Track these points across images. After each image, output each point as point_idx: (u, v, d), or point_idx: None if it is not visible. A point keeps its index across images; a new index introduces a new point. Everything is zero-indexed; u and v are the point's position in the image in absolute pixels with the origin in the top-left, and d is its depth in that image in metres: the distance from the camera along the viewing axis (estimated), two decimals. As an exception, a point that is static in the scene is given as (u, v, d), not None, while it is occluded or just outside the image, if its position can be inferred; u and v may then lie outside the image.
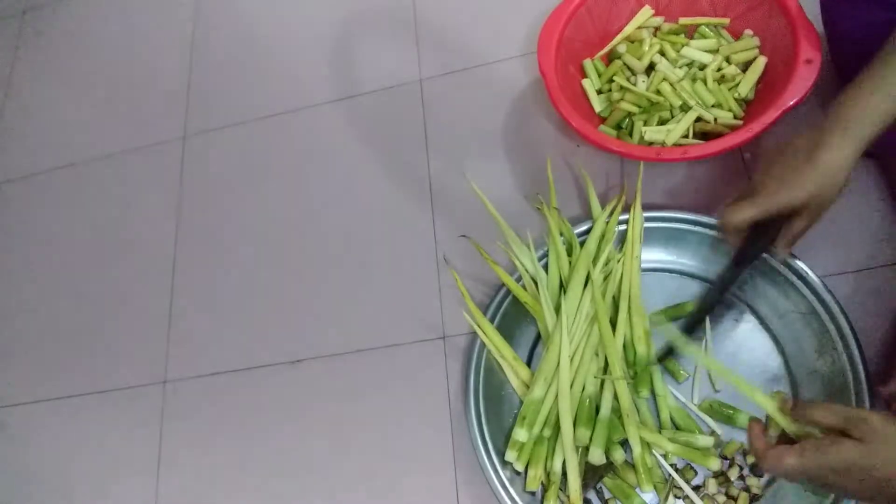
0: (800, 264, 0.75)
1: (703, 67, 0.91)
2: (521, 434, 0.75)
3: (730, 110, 0.88)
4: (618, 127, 0.92)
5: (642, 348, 0.77)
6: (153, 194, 1.13)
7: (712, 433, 0.75)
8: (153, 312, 1.03)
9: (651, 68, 0.93)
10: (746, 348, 0.78)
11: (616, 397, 0.75)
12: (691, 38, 0.94)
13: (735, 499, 0.71)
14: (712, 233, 0.81)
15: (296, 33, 1.20)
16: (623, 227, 0.83)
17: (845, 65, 0.83)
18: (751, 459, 0.73)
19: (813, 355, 0.74)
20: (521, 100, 1.01)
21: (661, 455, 0.74)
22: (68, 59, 1.33)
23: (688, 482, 0.73)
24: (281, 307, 0.98)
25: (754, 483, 0.72)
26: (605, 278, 0.81)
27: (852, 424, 0.49)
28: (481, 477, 0.75)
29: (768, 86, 0.87)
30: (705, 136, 0.87)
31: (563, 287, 0.82)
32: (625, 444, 0.75)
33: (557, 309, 0.80)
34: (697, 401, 0.77)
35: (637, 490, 0.73)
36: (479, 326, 0.82)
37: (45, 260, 1.14)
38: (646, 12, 0.95)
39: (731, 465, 0.73)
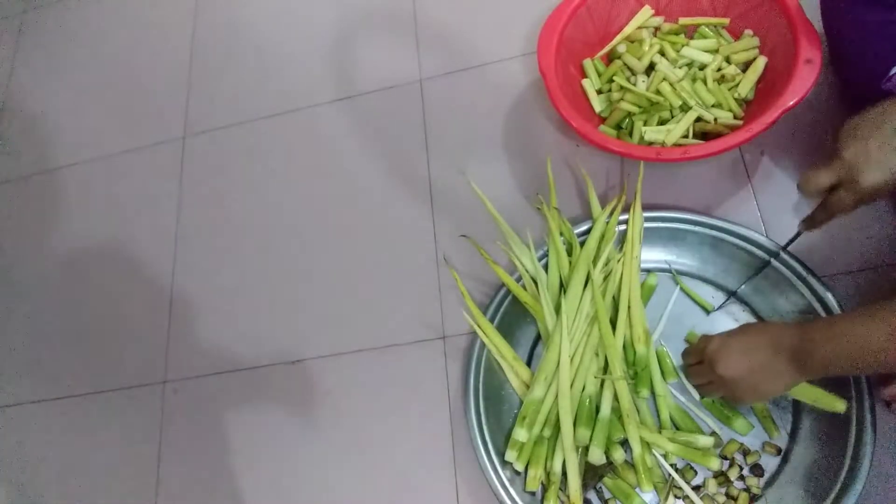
0: (799, 265, 0.75)
1: (703, 67, 0.91)
2: (521, 434, 0.75)
3: (730, 110, 0.88)
4: (618, 127, 0.92)
5: (642, 348, 0.77)
6: (153, 194, 1.13)
7: (712, 433, 0.75)
8: (153, 312, 1.03)
9: (651, 68, 0.93)
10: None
11: (616, 397, 0.75)
12: (691, 38, 0.94)
13: (735, 499, 0.71)
14: (712, 233, 0.81)
15: (296, 33, 1.20)
16: (623, 227, 0.83)
17: (845, 65, 0.83)
18: (751, 459, 0.73)
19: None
20: (521, 100, 1.01)
21: (661, 455, 0.74)
22: (68, 59, 1.33)
23: (688, 482, 0.73)
24: (281, 307, 0.98)
25: (754, 483, 0.72)
26: (605, 278, 0.81)
27: (704, 356, 0.69)
28: (481, 477, 0.75)
29: (768, 86, 0.87)
30: (705, 136, 0.87)
31: (563, 287, 0.82)
32: (625, 444, 0.75)
33: (557, 309, 0.80)
34: (699, 395, 0.77)
35: (637, 490, 0.73)
36: (479, 326, 0.82)
37: (45, 261, 1.14)
38: (646, 12, 0.95)
39: (731, 465, 0.73)
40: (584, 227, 0.85)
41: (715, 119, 0.87)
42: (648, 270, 0.84)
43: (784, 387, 0.64)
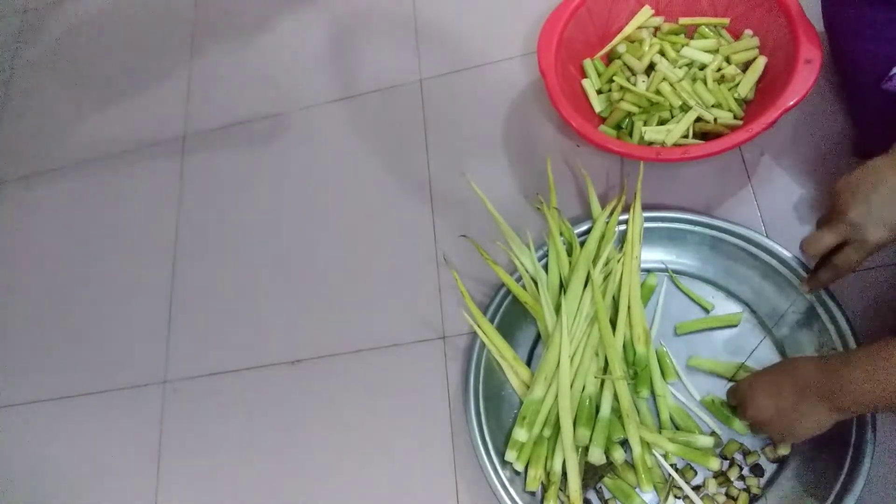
0: (802, 268, 0.75)
1: (703, 67, 0.91)
2: (521, 434, 0.75)
3: (730, 110, 0.88)
4: (618, 127, 0.92)
5: (642, 348, 0.77)
6: (153, 194, 1.13)
7: (712, 433, 0.75)
8: (153, 312, 1.03)
9: (651, 68, 0.93)
10: (747, 348, 0.78)
11: (616, 397, 0.75)
12: (691, 38, 0.94)
13: (735, 499, 0.71)
14: (712, 233, 0.81)
15: (296, 33, 1.20)
16: (623, 227, 0.83)
17: (845, 64, 0.83)
18: (751, 459, 0.73)
19: (813, 355, 0.74)
20: (521, 100, 1.01)
21: (661, 455, 0.74)
22: (68, 58, 1.33)
23: (688, 482, 0.73)
24: (281, 307, 0.98)
25: (754, 483, 0.72)
26: (605, 278, 0.81)
27: (736, 400, 0.71)
28: (481, 477, 0.75)
29: (768, 86, 0.87)
30: (705, 136, 0.87)
31: (563, 287, 0.82)
32: (625, 444, 0.75)
33: (557, 309, 0.80)
34: (699, 395, 0.77)
35: (637, 490, 0.73)
36: (479, 326, 0.82)
37: (44, 260, 1.14)
38: (646, 12, 0.95)
39: (731, 465, 0.73)
40: (584, 227, 0.85)
41: (715, 119, 0.87)
42: (648, 270, 0.84)
43: (819, 426, 0.62)
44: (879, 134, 0.77)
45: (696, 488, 0.73)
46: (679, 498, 0.73)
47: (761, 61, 0.88)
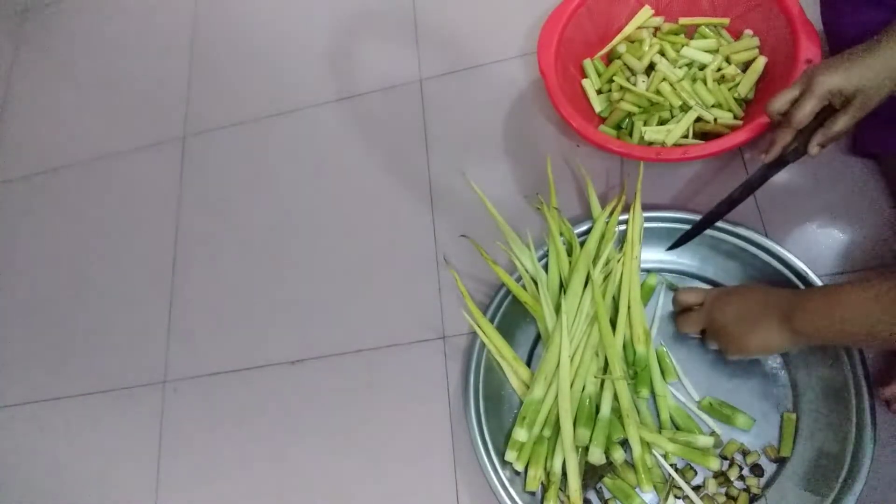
0: (800, 264, 0.75)
1: (703, 67, 0.91)
2: (521, 434, 0.75)
3: (730, 110, 0.88)
4: (618, 127, 0.92)
5: (642, 348, 0.77)
6: (153, 194, 1.13)
7: (712, 433, 0.75)
8: (153, 312, 1.03)
9: (651, 68, 0.93)
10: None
11: (616, 397, 0.76)
12: (691, 38, 0.94)
13: (735, 499, 0.71)
14: (712, 233, 0.81)
15: (296, 33, 1.20)
16: (623, 227, 0.83)
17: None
18: (751, 459, 0.73)
19: (813, 356, 0.74)
20: (521, 100, 1.01)
21: (661, 455, 0.74)
22: (68, 59, 1.33)
23: (688, 482, 0.73)
24: (281, 307, 0.98)
25: (754, 483, 0.72)
26: (605, 278, 0.81)
27: (704, 301, 0.74)
28: (481, 477, 0.75)
29: (768, 86, 0.87)
30: (705, 136, 0.87)
31: (563, 287, 0.82)
32: (625, 444, 0.75)
33: (557, 309, 0.80)
34: (698, 396, 0.77)
35: (637, 490, 0.73)
36: (479, 326, 0.82)
37: (45, 260, 1.14)
38: (646, 12, 0.95)
39: (731, 465, 0.73)
40: (584, 227, 0.85)
41: (715, 119, 0.87)
42: (648, 270, 0.84)
43: (768, 344, 0.65)
44: (877, 132, 0.78)
45: (696, 488, 0.73)
46: (679, 498, 0.73)
47: (761, 61, 0.88)
